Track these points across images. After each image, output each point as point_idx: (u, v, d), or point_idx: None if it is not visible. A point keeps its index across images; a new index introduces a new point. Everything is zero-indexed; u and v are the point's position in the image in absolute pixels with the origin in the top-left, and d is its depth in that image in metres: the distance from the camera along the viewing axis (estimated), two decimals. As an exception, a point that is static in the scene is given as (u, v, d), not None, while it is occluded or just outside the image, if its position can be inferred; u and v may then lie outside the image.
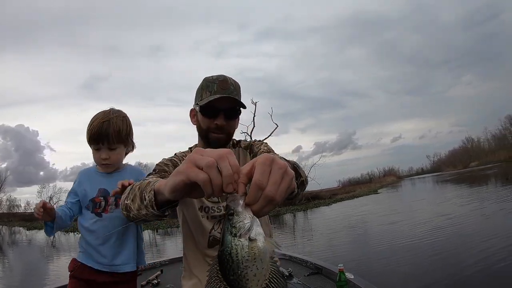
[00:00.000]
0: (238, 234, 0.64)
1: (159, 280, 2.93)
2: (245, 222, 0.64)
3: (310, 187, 32.05)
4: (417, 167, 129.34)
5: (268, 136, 23.92)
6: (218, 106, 1.48)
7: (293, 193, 1.01)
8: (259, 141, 1.70)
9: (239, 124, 1.65)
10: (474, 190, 20.65)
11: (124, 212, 1.11)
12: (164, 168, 1.44)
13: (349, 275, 2.41)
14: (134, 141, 2.00)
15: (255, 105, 23.34)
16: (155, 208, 0.91)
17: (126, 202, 1.09)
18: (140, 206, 0.98)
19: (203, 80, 1.55)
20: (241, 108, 1.56)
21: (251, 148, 1.65)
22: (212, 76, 1.54)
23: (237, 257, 0.63)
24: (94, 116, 1.86)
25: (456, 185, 28.18)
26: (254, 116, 23.59)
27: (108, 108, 1.93)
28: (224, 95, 1.47)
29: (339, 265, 2.36)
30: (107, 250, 1.83)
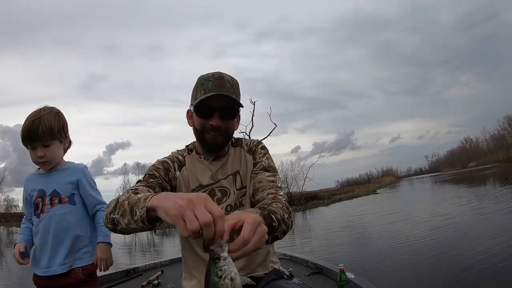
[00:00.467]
0: (223, 276, 0.77)
1: (159, 280, 2.92)
2: (230, 266, 0.78)
3: (309, 187, 32.08)
4: (415, 167, 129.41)
5: (267, 136, 23.77)
6: (212, 105, 1.39)
7: None
8: (262, 148, 1.58)
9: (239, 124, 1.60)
10: (472, 190, 20.72)
11: (110, 226, 1.13)
12: (154, 174, 1.43)
13: (350, 275, 2.40)
14: (70, 136, 1.97)
15: (254, 104, 23.17)
16: (146, 223, 0.97)
17: (112, 216, 1.10)
18: (130, 221, 1.01)
19: (198, 78, 1.45)
20: (239, 109, 1.46)
21: (254, 155, 1.55)
22: (207, 73, 1.44)
23: None
24: (27, 116, 1.84)
25: (454, 185, 28.21)
26: (253, 115, 23.36)
27: (42, 106, 1.91)
28: (218, 93, 1.36)
29: (339, 265, 2.35)
30: (45, 252, 1.81)
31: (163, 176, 1.44)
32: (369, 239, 9.46)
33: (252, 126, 23.25)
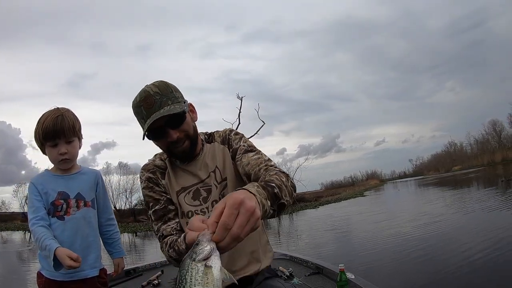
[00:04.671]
0: (196, 259, 0.71)
1: (159, 280, 2.93)
2: (205, 249, 0.72)
3: (297, 189, 32.03)
4: (399, 171, 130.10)
5: (255, 134, 23.03)
6: (157, 126, 1.35)
7: (268, 216, 1.06)
8: (235, 134, 1.55)
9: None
10: (457, 192, 21.11)
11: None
12: (157, 199, 1.48)
13: (350, 275, 2.43)
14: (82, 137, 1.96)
15: (241, 100, 22.47)
16: None
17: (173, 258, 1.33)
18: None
19: (132, 106, 1.42)
20: (184, 108, 1.39)
21: (229, 143, 1.53)
22: (136, 98, 1.39)
23: (190, 279, 0.70)
24: (43, 115, 1.82)
25: (439, 187, 28.62)
26: (240, 112, 22.56)
27: (54, 107, 1.88)
28: (149, 123, 1.33)
29: (339, 265, 2.37)
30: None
31: (159, 190, 1.49)
32: (362, 240, 9.59)
33: (239, 123, 22.51)
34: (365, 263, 6.50)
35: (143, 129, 1.38)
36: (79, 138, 1.90)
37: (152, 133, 1.38)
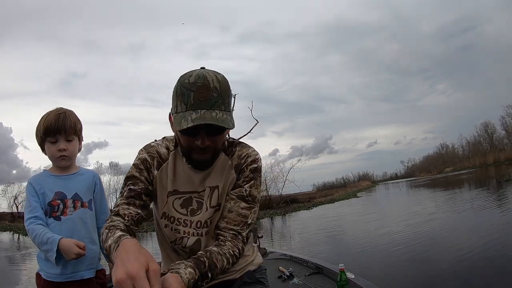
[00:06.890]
0: None
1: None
2: None
3: (289, 190, 32.02)
4: (391, 172, 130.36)
5: (248, 132, 23.16)
6: (197, 125, 1.15)
7: None
8: (252, 171, 1.36)
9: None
10: (449, 193, 21.27)
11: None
12: (137, 178, 1.31)
13: (350, 275, 2.44)
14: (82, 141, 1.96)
15: (234, 97, 22.48)
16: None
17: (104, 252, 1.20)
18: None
19: (178, 81, 1.21)
20: (232, 126, 1.21)
21: (239, 175, 1.36)
22: (189, 76, 1.18)
23: None
24: (46, 113, 1.83)
25: (431, 189, 28.81)
26: (233, 110, 22.72)
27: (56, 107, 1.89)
28: (201, 123, 1.14)
29: (340, 265, 2.37)
30: None
31: (146, 177, 1.33)
32: (362, 237, 9.67)
33: (232, 121, 22.58)
34: (361, 261, 6.59)
35: (175, 108, 1.21)
36: (79, 139, 1.90)
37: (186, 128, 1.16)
